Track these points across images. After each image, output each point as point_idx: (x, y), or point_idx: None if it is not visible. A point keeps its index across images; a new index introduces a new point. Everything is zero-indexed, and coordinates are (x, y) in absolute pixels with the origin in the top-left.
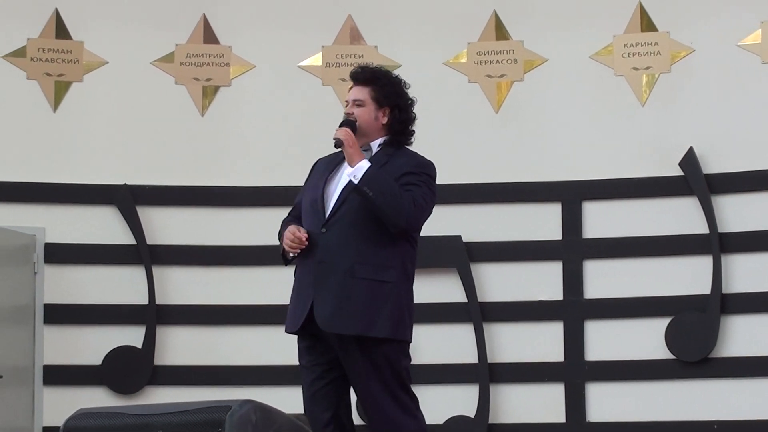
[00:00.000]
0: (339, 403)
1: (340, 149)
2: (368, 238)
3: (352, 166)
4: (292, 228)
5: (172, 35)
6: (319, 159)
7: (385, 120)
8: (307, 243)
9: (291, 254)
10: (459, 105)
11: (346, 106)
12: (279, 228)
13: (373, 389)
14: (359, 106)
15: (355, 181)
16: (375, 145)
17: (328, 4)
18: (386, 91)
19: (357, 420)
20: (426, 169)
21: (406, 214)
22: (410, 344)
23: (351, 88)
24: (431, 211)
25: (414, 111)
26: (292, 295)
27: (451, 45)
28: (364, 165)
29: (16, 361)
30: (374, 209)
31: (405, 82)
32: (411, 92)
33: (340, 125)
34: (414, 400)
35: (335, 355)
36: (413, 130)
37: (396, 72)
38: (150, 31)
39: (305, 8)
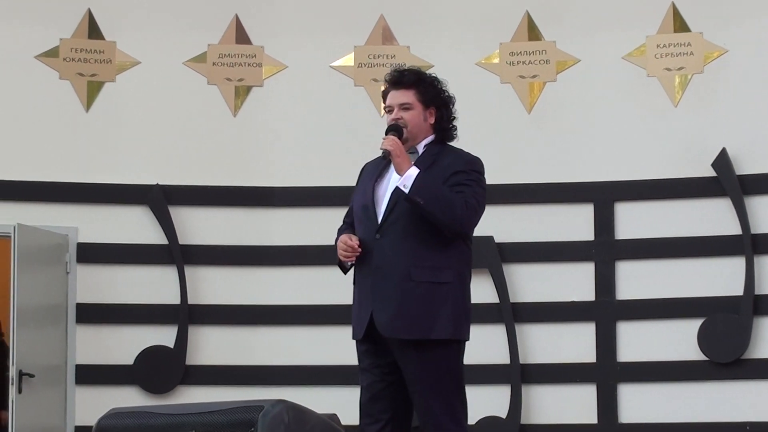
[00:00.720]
0: (397, 405)
1: (385, 158)
2: (423, 241)
3: (401, 175)
4: (343, 237)
5: (205, 35)
6: (367, 163)
7: (432, 120)
8: (360, 250)
9: (348, 262)
10: (491, 105)
11: (389, 112)
12: (336, 234)
13: (429, 394)
14: (407, 109)
15: (406, 191)
16: (421, 146)
17: (360, 5)
18: (431, 92)
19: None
20: (475, 166)
21: (459, 218)
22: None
23: (388, 92)
24: (484, 209)
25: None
26: (353, 302)
27: (484, 45)
28: (413, 173)
29: (48, 361)
30: (427, 216)
31: (442, 79)
32: None
33: (387, 132)
34: (464, 407)
35: (394, 358)
36: (455, 126)
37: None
38: (182, 32)
39: (338, 9)
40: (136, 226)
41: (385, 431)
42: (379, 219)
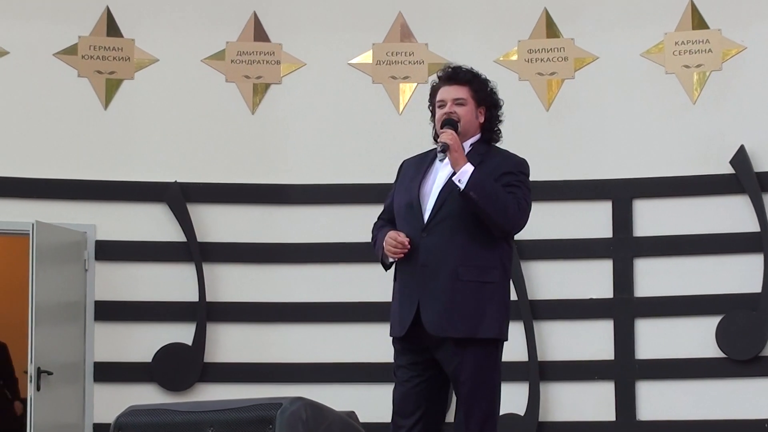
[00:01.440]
0: (430, 403)
1: (429, 149)
2: (470, 241)
3: (456, 170)
4: (392, 233)
5: (223, 33)
6: (405, 161)
7: (482, 119)
8: (409, 247)
9: (391, 259)
10: (509, 103)
11: (440, 107)
12: (372, 232)
13: (471, 391)
14: (460, 105)
15: (461, 186)
16: (467, 144)
17: (378, 2)
18: (483, 91)
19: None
20: (523, 168)
21: (512, 217)
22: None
23: (438, 88)
24: (530, 210)
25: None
26: (394, 299)
27: (502, 43)
28: (469, 169)
29: (66, 358)
30: (480, 213)
31: (493, 82)
32: None
33: (443, 125)
34: (499, 405)
35: (431, 356)
36: (500, 129)
37: None
38: (201, 29)
39: (356, 6)
40: (154, 223)
41: (416, 428)
42: (426, 217)
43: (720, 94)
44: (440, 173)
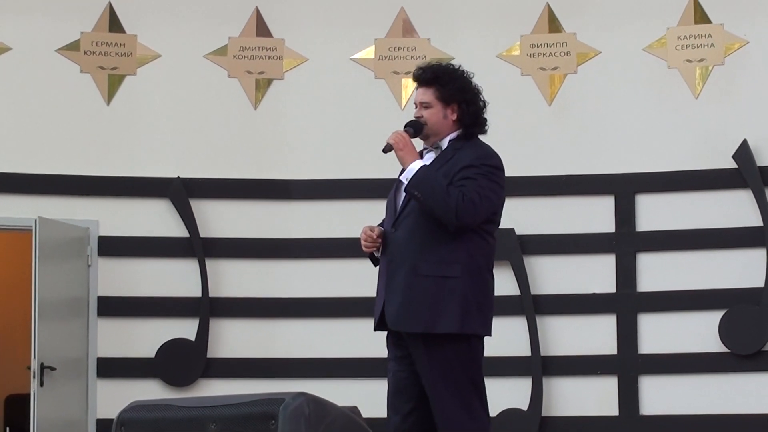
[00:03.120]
0: (420, 395)
1: (386, 151)
2: (430, 236)
3: (405, 168)
4: (366, 227)
5: (225, 28)
6: None
7: (454, 117)
8: (379, 240)
9: (377, 254)
10: (512, 98)
11: (416, 108)
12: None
13: (439, 389)
14: (426, 107)
15: (405, 183)
16: (446, 141)
17: None
18: (450, 89)
19: None
20: (486, 160)
21: (455, 210)
22: (485, 339)
23: (416, 88)
24: (495, 202)
25: (483, 98)
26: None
27: (504, 38)
28: (415, 166)
29: (70, 354)
30: (425, 209)
31: (467, 72)
32: None
33: (405, 126)
34: (482, 402)
35: None
36: (485, 119)
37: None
38: (203, 25)
39: (358, 1)
40: (157, 219)
41: (408, 421)
42: (397, 212)
43: (723, 89)
44: (401, 178)
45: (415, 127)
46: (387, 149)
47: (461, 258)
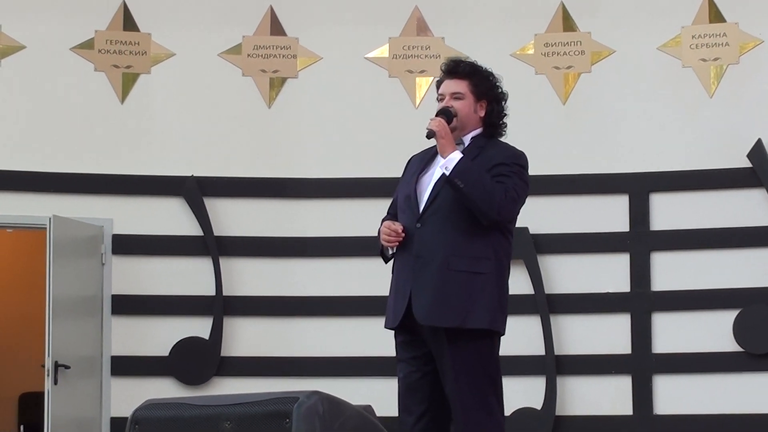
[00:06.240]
0: (433, 396)
1: (433, 144)
2: (462, 231)
3: (444, 157)
4: (387, 222)
5: (240, 27)
6: (413, 155)
7: (482, 113)
8: (403, 235)
9: (389, 250)
10: (526, 96)
11: (441, 100)
12: (379, 226)
13: (461, 384)
14: (458, 98)
15: (447, 173)
16: (468, 138)
17: None
18: (484, 85)
19: None
20: (517, 159)
21: (497, 205)
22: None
23: (442, 81)
24: (524, 202)
25: (506, 103)
26: (390, 291)
27: (519, 36)
28: (456, 156)
29: (84, 352)
30: (465, 201)
31: (498, 75)
32: None
33: (436, 114)
34: (500, 401)
35: (430, 350)
36: (506, 123)
37: None
38: (217, 23)
39: (372, 0)
40: (171, 217)
41: (421, 422)
42: (421, 208)
43: (737, 88)
44: (439, 163)
45: (447, 115)
46: (430, 135)
47: (490, 254)
